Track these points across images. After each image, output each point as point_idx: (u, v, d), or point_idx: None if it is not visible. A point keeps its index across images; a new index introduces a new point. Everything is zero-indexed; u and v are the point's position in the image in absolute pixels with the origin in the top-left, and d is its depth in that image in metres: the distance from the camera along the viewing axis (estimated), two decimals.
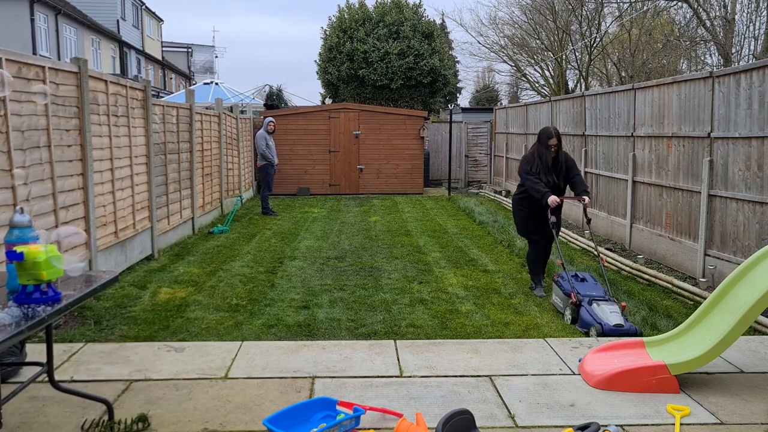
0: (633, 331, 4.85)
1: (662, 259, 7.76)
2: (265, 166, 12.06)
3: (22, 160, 4.92)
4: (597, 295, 5.28)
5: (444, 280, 6.87)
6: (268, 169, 12.07)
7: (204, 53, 48.92)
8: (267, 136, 12.00)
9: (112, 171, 6.78)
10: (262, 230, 10.17)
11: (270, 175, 12.14)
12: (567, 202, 7.70)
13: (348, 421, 3.28)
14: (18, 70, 4.90)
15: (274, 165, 12.12)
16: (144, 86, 7.85)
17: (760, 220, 5.95)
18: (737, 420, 3.47)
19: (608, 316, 4.96)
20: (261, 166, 12.11)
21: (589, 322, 5.01)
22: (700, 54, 20.82)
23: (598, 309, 5.07)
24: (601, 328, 4.86)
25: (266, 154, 11.93)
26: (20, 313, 2.64)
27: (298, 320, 5.38)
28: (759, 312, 3.77)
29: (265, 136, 11.97)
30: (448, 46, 25.88)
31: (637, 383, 3.81)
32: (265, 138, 11.96)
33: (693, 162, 7.16)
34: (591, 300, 5.19)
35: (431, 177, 18.41)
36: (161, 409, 3.52)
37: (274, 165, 12.12)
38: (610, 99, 9.49)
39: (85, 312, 5.44)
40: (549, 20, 23.92)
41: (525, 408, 3.59)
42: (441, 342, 4.72)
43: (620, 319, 4.95)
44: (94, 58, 27.58)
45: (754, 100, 6.05)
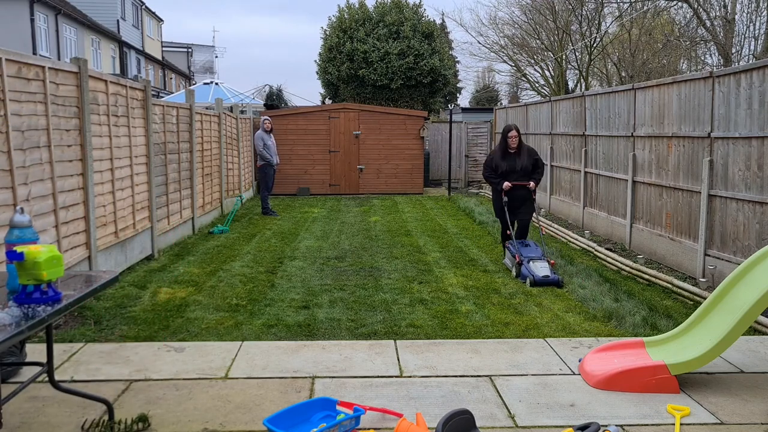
0: (555, 281, 6.52)
1: (662, 259, 7.76)
2: (264, 166, 11.98)
3: (22, 160, 4.92)
4: (534, 256, 6.90)
5: (444, 280, 6.87)
6: (267, 169, 12.02)
7: (204, 53, 48.92)
8: (265, 135, 11.93)
9: (112, 171, 6.78)
10: (262, 230, 10.17)
11: (269, 176, 12.09)
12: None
13: (348, 421, 3.28)
14: (18, 70, 4.90)
15: (273, 165, 12.05)
16: (144, 86, 7.85)
17: (760, 220, 5.95)
18: (737, 420, 3.47)
19: (539, 270, 6.63)
20: (260, 166, 12.06)
21: (525, 274, 6.69)
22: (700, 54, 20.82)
23: (533, 265, 6.72)
24: (532, 278, 6.54)
25: (264, 154, 11.88)
26: (20, 313, 2.64)
27: (298, 320, 5.38)
28: (759, 312, 3.77)
29: (263, 136, 11.88)
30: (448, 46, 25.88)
31: (637, 383, 3.81)
32: (263, 138, 11.84)
33: (693, 162, 7.16)
34: (529, 260, 6.82)
35: (431, 177, 18.42)
36: (161, 409, 3.52)
37: (273, 165, 12.05)
38: (610, 99, 9.49)
39: (85, 312, 5.44)
40: (549, 20, 23.92)
41: (525, 408, 3.59)
42: (441, 342, 4.72)
43: (547, 272, 6.61)
44: (94, 58, 27.58)
45: (754, 100, 6.05)
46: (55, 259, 2.76)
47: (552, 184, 12.38)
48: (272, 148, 12.02)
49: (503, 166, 7.41)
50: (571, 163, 11.28)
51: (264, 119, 12.17)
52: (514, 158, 7.43)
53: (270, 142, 11.98)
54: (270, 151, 11.91)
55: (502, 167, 7.40)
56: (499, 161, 7.46)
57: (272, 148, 12.04)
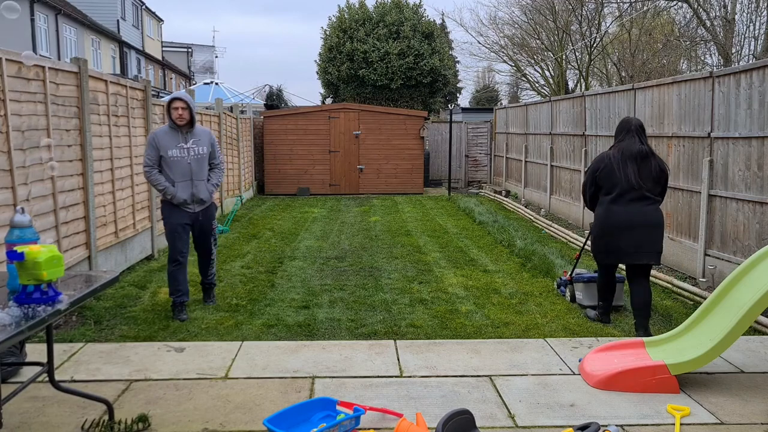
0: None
1: (662, 259, 7.75)
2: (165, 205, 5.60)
3: (22, 160, 4.92)
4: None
5: (444, 280, 6.87)
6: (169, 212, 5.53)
7: (204, 53, 48.92)
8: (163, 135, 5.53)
9: (112, 171, 6.78)
10: (262, 230, 10.16)
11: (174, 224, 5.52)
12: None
13: (348, 421, 3.28)
14: (18, 70, 4.90)
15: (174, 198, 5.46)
16: (144, 86, 7.85)
17: (760, 220, 5.95)
18: (737, 420, 3.47)
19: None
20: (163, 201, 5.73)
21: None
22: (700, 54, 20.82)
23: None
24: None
25: (156, 179, 5.39)
26: (20, 313, 2.64)
27: (298, 320, 5.38)
28: (759, 312, 3.77)
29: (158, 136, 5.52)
30: (448, 46, 25.86)
31: (637, 383, 3.81)
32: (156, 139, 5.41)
33: (693, 162, 7.16)
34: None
35: (431, 177, 18.41)
36: (161, 409, 3.52)
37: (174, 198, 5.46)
38: (610, 99, 9.49)
39: (85, 312, 5.44)
40: (549, 20, 23.91)
41: (525, 408, 3.59)
42: (441, 342, 4.72)
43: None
44: (94, 58, 27.58)
45: (754, 100, 6.05)
46: (55, 259, 2.76)
47: (552, 184, 12.38)
48: (179, 163, 5.37)
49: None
50: (571, 163, 11.28)
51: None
52: None
53: (174, 150, 5.38)
54: (175, 168, 5.36)
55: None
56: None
57: (179, 162, 5.37)
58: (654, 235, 4.96)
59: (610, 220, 5.02)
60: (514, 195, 14.96)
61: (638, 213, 4.94)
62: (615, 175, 4.99)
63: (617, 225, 4.97)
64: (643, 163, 4.97)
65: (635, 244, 4.94)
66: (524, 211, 12.33)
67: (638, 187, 4.95)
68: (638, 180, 4.94)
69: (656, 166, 5.01)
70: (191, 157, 5.34)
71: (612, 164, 5.02)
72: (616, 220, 4.98)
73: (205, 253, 5.68)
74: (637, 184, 4.95)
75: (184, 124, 5.28)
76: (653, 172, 4.98)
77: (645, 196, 4.96)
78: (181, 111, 5.27)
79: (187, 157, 5.32)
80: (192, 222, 5.44)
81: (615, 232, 4.99)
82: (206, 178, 5.48)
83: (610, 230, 5.02)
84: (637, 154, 4.97)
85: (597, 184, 5.15)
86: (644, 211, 4.94)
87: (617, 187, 4.98)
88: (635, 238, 4.93)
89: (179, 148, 5.30)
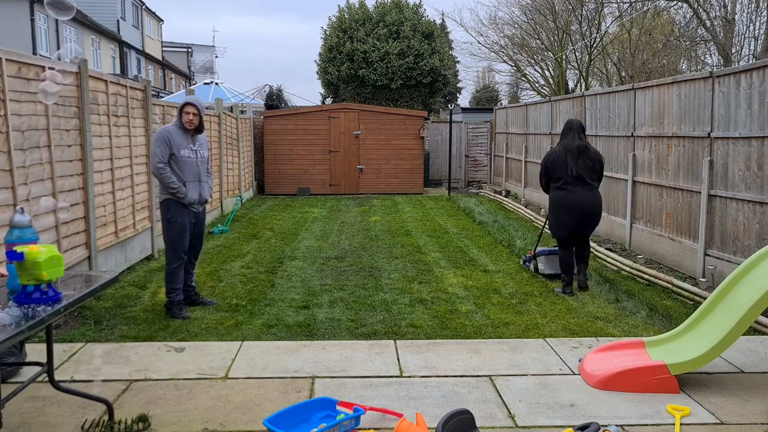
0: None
1: (662, 259, 7.76)
2: (168, 203, 5.46)
3: (22, 160, 4.92)
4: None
5: (444, 280, 6.87)
6: (174, 211, 5.44)
7: (204, 53, 48.92)
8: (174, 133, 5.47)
9: (112, 171, 6.78)
10: (262, 230, 10.16)
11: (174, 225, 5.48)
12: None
13: (348, 421, 3.28)
14: (18, 70, 4.90)
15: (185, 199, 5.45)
16: (144, 86, 7.85)
17: (760, 220, 5.95)
18: (737, 420, 3.47)
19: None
20: (163, 201, 5.50)
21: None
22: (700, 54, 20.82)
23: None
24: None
25: (167, 178, 5.35)
26: (20, 313, 2.64)
27: (298, 320, 5.38)
28: (759, 312, 3.77)
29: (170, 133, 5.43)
30: (448, 46, 25.86)
31: (637, 383, 3.81)
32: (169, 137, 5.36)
33: (693, 162, 7.16)
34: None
35: (431, 177, 18.41)
36: (161, 409, 3.52)
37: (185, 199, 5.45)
38: (610, 99, 9.49)
39: (85, 312, 5.44)
40: (549, 20, 23.91)
41: (525, 408, 3.59)
42: (441, 342, 4.72)
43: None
44: (94, 58, 27.58)
45: (754, 100, 6.05)
46: (55, 259, 2.76)
47: None
48: (189, 163, 5.43)
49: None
50: None
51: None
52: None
53: (186, 150, 5.43)
54: (186, 168, 5.40)
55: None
56: None
57: (190, 163, 5.43)
58: (592, 213, 6.29)
59: (559, 202, 6.29)
60: (514, 195, 14.96)
61: (580, 196, 6.20)
62: (560, 166, 6.22)
63: (565, 206, 6.24)
64: (582, 156, 6.21)
65: (578, 220, 6.23)
66: (524, 211, 12.33)
67: (578, 175, 6.18)
68: (578, 170, 6.17)
69: (594, 157, 6.26)
70: (199, 159, 5.50)
71: (558, 158, 6.25)
72: (564, 202, 6.25)
73: (197, 253, 5.79)
74: (578, 174, 6.17)
75: (192, 128, 5.42)
76: (591, 163, 6.22)
77: (585, 183, 6.21)
78: (192, 117, 5.40)
79: (196, 158, 5.48)
80: (194, 222, 5.54)
81: (563, 211, 6.26)
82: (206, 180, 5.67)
83: (560, 210, 6.29)
84: (576, 149, 6.20)
85: (548, 175, 6.36)
86: (584, 195, 6.22)
87: (563, 177, 6.22)
88: (578, 215, 6.22)
89: (189, 149, 5.43)
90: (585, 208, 6.22)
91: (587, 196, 6.23)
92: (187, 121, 5.37)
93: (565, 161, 6.20)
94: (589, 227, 6.33)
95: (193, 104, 5.40)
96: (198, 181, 5.50)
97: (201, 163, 5.53)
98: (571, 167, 6.16)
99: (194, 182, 5.46)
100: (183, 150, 5.37)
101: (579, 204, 6.19)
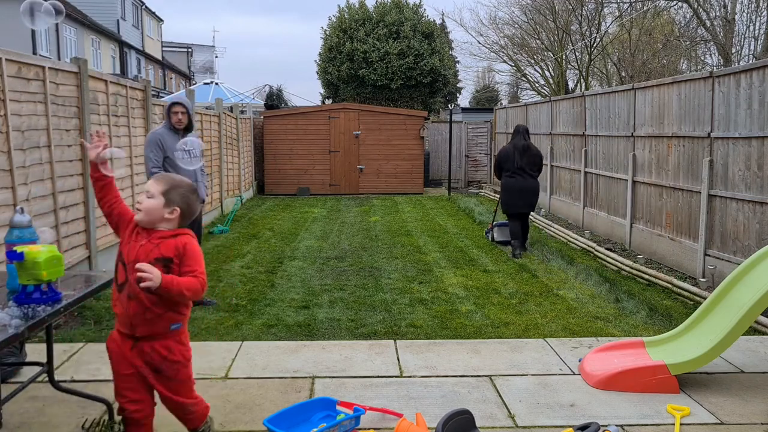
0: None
1: (662, 259, 7.76)
2: None
3: (22, 160, 4.92)
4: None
5: (444, 280, 6.87)
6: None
7: (204, 53, 48.92)
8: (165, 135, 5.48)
9: None
10: (261, 230, 10.16)
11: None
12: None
13: (348, 421, 3.28)
14: (18, 70, 4.90)
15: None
16: (144, 86, 7.85)
17: (760, 220, 5.95)
18: (737, 420, 3.47)
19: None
20: None
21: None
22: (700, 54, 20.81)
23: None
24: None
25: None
26: (20, 313, 2.64)
27: (298, 320, 5.37)
28: (759, 312, 3.77)
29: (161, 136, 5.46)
30: (448, 46, 25.86)
31: (637, 383, 3.81)
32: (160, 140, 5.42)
33: (693, 162, 7.16)
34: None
35: (431, 177, 18.41)
36: (161, 410, 3.51)
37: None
38: (610, 99, 9.49)
39: (85, 312, 5.44)
40: (549, 20, 23.91)
41: (525, 408, 3.59)
42: (441, 342, 4.72)
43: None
44: (94, 58, 27.58)
45: (754, 100, 6.05)
46: (55, 259, 2.76)
47: (552, 183, 12.38)
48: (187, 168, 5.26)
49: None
50: (571, 163, 11.28)
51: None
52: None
53: (179, 152, 5.34)
54: (182, 169, 5.18)
55: None
56: None
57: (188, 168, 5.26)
58: (531, 195, 8.23)
59: (508, 186, 8.26)
60: None
61: (522, 182, 8.17)
62: (509, 160, 8.23)
63: (511, 190, 8.22)
64: (525, 153, 8.20)
65: (520, 201, 8.17)
66: None
67: (521, 167, 8.17)
68: (522, 164, 8.17)
69: (534, 153, 8.26)
70: (193, 159, 5.41)
71: (508, 154, 8.28)
72: (511, 186, 8.22)
73: None
74: (521, 166, 8.18)
75: (182, 128, 5.35)
76: (532, 158, 8.21)
77: (527, 173, 8.19)
78: (181, 116, 5.34)
79: (190, 158, 5.38)
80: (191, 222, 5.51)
81: (511, 193, 8.23)
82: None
83: (508, 192, 8.26)
84: (521, 147, 8.21)
85: (500, 166, 8.40)
86: (526, 182, 8.18)
87: (511, 168, 8.22)
88: (521, 196, 8.17)
89: (182, 150, 5.36)
90: (526, 191, 8.15)
91: (528, 182, 8.17)
92: (176, 121, 5.30)
93: (513, 156, 8.19)
94: (529, 206, 8.23)
95: (179, 103, 5.34)
96: (195, 182, 5.43)
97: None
98: (517, 161, 8.14)
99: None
100: (177, 152, 5.31)
101: (521, 188, 8.13)
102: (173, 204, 2.73)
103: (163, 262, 2.65)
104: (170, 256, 2.67)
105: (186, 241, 2.73)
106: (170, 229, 2.74)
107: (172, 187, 2.73)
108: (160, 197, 2.71)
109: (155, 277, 2.51)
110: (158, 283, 2.51)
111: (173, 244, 2.69)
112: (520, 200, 8.12)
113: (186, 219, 2.80)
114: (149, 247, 2.68)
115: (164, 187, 2.73)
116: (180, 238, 2.73)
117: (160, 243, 2.69)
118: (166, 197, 2.71)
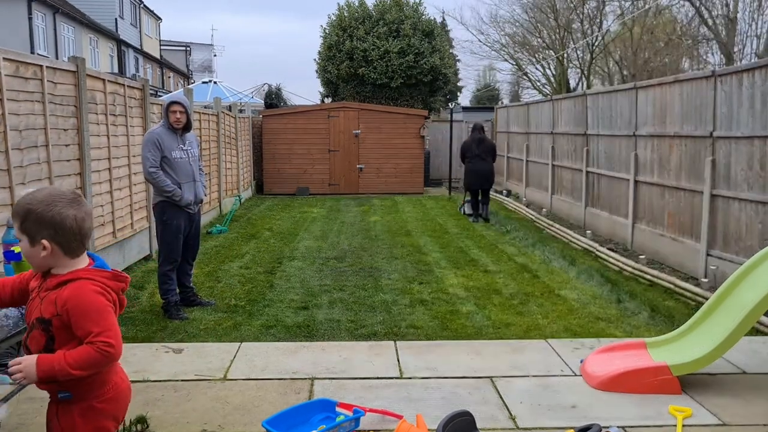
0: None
1: (664, 260, 7.73)
2: (162, 205, 5.42)
3: (20, 160, 4.89)
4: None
5: (444, 280, 6.84)
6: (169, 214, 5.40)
7: (202, 52, 48.89)
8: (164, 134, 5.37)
9: (110, 170, 6.75)
10: (260, 230, 10.14)
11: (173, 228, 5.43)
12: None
13: (348, 422, 3.26)
14: (16, 69, 4.87)
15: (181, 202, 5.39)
16: (142, 85, 7.82)
17: (763, 220, 5.92)
18: (739, 421, 3.45)
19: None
20: (156, 204, 5.48)
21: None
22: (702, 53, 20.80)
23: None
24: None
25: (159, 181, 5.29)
26: (18, 313, 2.62)
27: (297, 321, 5.35)
28: (761, 312, 3.75)
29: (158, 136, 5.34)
30: (448, 45, 25.82)
31: (639, 384, 3.78)
32: (158, 140, 5.30)
33: (695, 161, 7.13)
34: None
35: (431, 176, 18.37)
36: (160, 411, 3.50)
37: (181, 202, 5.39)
38: (612, 98, 9.46)
39: None
40: (550, 18, 23.88)
41: (526, 409, 3.57)
42: (441, 343, 4.70)
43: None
44: (92, 57, 27.55)
45: (756, 100, 6.02)
46: None
47: (553, 183, 12.35)
48: (182, 164, 5.37)
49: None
50: (572, 162, 11.25)
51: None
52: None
53: (177, 152, 5.36)
54: (179, 169, 5.35)
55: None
56: None
57: (182, 163, 5.37)
58: (487, 175, 11.10)
59: (468, 170, 11.20)
60: (515, 195, 14.94)
61: (479, 166, 11.04)
62: (470, 150, 11.15)
63: (470, 172, 11.15)
64: (481, 144, 11.11)
65: (477, 180, 11.08)
66: (525, 210, 12.31)
67: (478, 155, 11.04)
68: (478, 152, 11.04)
69: (488, 144, 11.26)
70: (191, 159, 5.45)
71: (469, 145, 11.20)
72: (471, 170, 11.12)
73: (194, 253, 5.74)
74: (478, 154, 11.04)
75: (180, 127, 5.32)
76: (487, 148, 11.15)
77: (483, 159, 11.07)
78: (179, 115, 5.31)
79: (188, 158, 5.40)
80: (190, 222, 5.49)
81: (471, 175, 11.15)
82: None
83: (469, 174, 11.19)
84: (478, 140, 11.12)
85: (463, 154, 11.28)
86: (483, 167, 11.05)
87: (470, 155, 11.15)
88: (479, 177, 11.05)
89: (180, 150, 5.35)
90: (482, 173, 11.01)
91: (483, 166, 11.01)
92: (175, 121, 5.27)
93: (471, 147, 11.11)
94: (486, 184, 11.07)
95: (178, 102, 5.31)
96: (192, 181, 5.44)
97: (193, 162, 5.47)
98: (474, 150, 11.04)
99: (189, 183, 5.39)
100: (174, 151, 5.28)
101: (478, 170, 11.00)
102: (36, 237, 1.97)
103: (42, 326, 1.99)
104: (47, 318, 1.98)
105: (69, 293, 1.96)
106: (64, 272, 2.02)
107: (25, 216, 1.98)
108: (22, 236, 2.00)
109: (28, 374, 1.92)
110: (34, 378, 1.92)
111: (53, 299, 1.98)
112: (477, 180, 11.01)
113: (72, 240, 2.01)
114: (35, 304, 2.04)
115: (19, 222, 1.99)
116: (62, 290, 1.97)
117: (45, 296, 2.01)
118: (26, 234, 1.99)
